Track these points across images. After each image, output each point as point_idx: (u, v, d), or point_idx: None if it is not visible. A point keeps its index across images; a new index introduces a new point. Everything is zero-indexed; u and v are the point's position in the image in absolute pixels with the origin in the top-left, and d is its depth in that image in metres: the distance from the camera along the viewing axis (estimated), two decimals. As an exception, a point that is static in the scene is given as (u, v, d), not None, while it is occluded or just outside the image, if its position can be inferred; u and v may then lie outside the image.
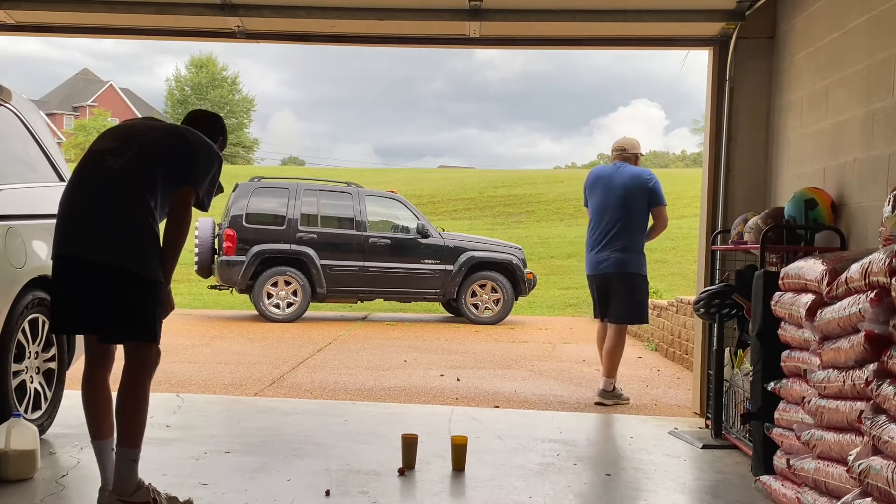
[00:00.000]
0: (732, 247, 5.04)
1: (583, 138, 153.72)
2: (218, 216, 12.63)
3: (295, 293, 11.82)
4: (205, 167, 3.43)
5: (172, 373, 7.08)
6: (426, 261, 12.28)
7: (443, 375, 7.60)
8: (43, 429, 4.50)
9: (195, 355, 8.38)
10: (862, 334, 2.83)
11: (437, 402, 6.36)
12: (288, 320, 11.68)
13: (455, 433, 4.80)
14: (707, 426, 5.34)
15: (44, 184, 4.92)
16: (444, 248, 12.35)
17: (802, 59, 5.10)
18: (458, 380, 7.37)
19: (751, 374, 4.28)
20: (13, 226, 4.34)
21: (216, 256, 11.95)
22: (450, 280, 12.22)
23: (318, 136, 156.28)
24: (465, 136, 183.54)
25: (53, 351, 4.67)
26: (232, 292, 12.48)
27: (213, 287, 12.65)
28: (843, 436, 3.05)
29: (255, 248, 11.74)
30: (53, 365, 4.68)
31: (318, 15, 5.59)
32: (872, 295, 2.77)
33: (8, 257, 4.23)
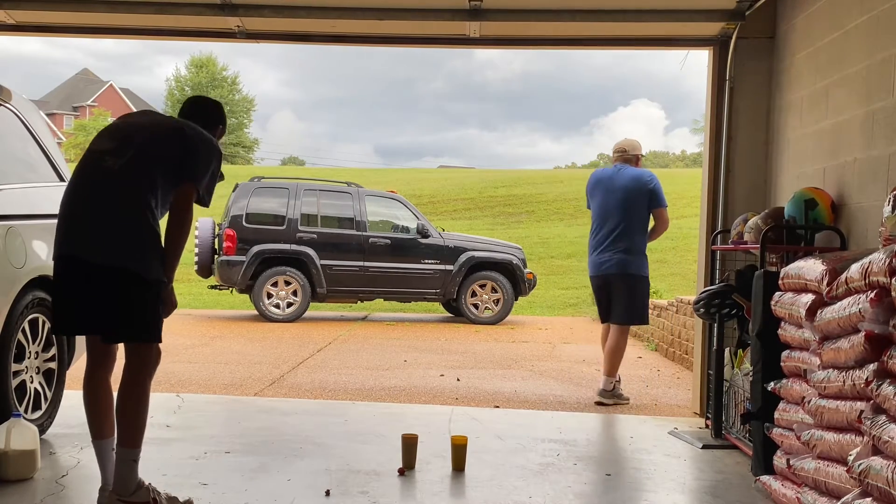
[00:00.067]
0: (732, 247, 5.04)
1: (583, 138, 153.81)
2: (218, 216, 12.63)
3: (295, 293, 11.82)
4: (204, 164, 3.43)
5: (172, 373, 7.08)
6: (426, 261, 12.28)
7: (443, 375, 7.60)
8: (43, 429, 4.50)
9: (195, 355, 8.38)
10: (862, 334, 2.83)
11: (437, 402, 6.36)
12: (288, 320, 11.68)
13: (455, 433, 4.80)
14: (707, 426, 5.34)
15: (44, 184, 4.92)
16: (444, 248, 12.35)
17: (802, 59, 5.10)
18: (458, 380, 7.37)
19: (751, 374, 4.28)
20: (13, 226, 4.35)
21: (216, 256, 11.95)
22: (450, 280, 12.22)
23: (318, 136, 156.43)
24: (465, 136, 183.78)
25: (53, 351, 4.67)
26: (232, 292, 12.48)
27: (213, 287, 12.65)
28: (843, 436, 3.05)
29: (255, 248, 11.74)
30: (53, 365, 4.68)
31: (319, 15, 5.59)
32: (872, 295, 2.77)
33: (8, 257, 4.23)
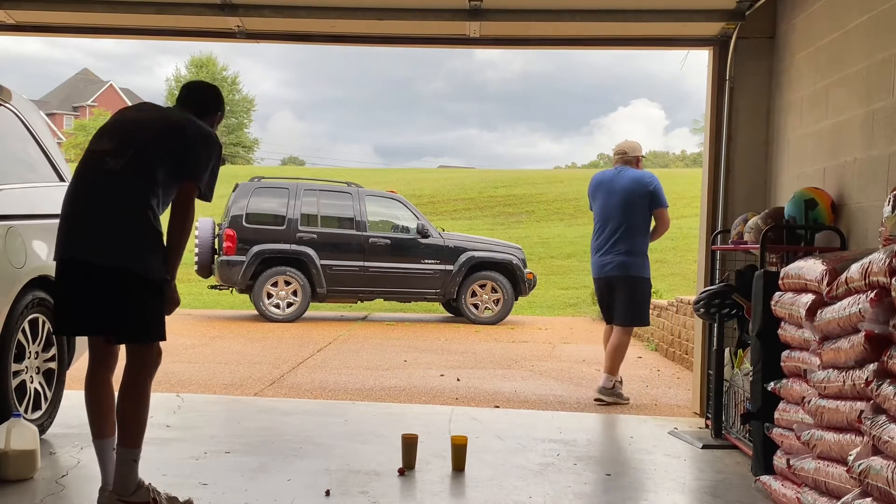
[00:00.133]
0: (732, 247, 5.04)
1: (583, 138, 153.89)
2: (218, 216, 12.64)
3: (295, 293, 11.82)
4: (204, 161, 3.43)
5: (172, 373, 7.08)
6: (426, 261, 12.28)
7: (443, 375, 7.60)
8: (43, 429, 4.50)
9: (195, 355, 8.38)
10: (862, 334, 2.83)
11: (437, 402, 6.36)
12: (288, 320, 11.67)
13: (455, 433, 4.80)
14: (707, 426, 5.34)
15: (44, 184, 4.92)
16: (444, 248, 12.35)
17: (802, 59, 5.10)
18: (458, 380, 7.37)
19: (751, 374, 4.28)
20: (13, 226, 4.35)
21: (216, 256, 11.95)
22: (450, 280, 12.22)
23: (317, 136, 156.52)
24: (465, 136, 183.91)
25: (53, 351, 4.67)
26: (232, 292, 12.48)
27: (213, 287, 12.65)
28: (843, 436, 3.04)
29: (255, 248, 11.74)
30: (53, 365, 4.68)
31: (319, 15, 5.59)
32: (872, 295, 2.77)
33: (8, 257, 4.23)
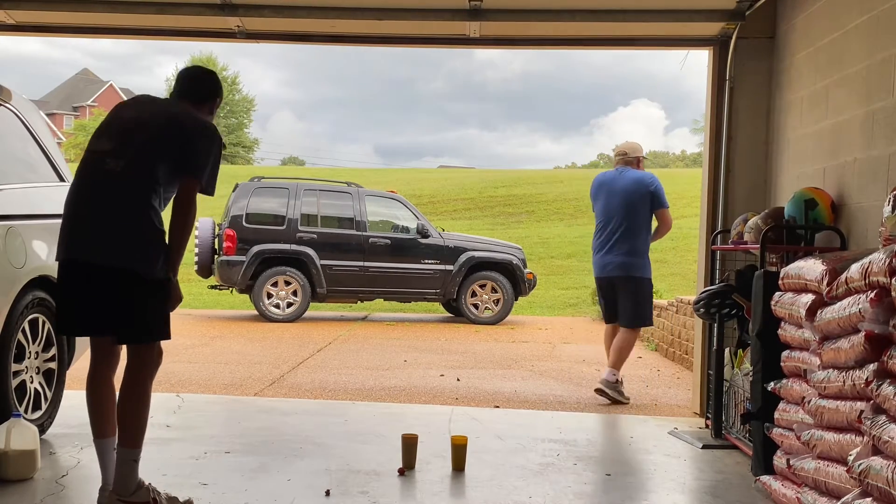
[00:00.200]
0: (732, 247, 5.04)
1: (583, 138, 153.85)
2: (218, 216, 12.64)
3: (295, 293, 11.81)
4: (204, 156, 3.42)
5: (172, 373, 7.08)
6: (426, 261, 12.28)
7: (443, 375, 7.60)
8: (43, 429, 4.50)
9: (195, 355, 8.38)
10: (862, 334, 2.83)
11: (437, 402, 6.36)
12: (288, 320, 11.67)
13: (455, 433, 4.80)
14: (707, 426, 5.34)
15: (44, 184, 4.92)
16: (444, 248, 12.35)
17: (802, 59, 5.10)
18: (458, 380, 7.37)
19: (751, 374, 4.28)
20: (13, 226, 4.35)
21: (216, 256, 11.95)
22: (450, 280, 12.21)
23: (317, 136, 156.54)
24: (465, 136, 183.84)
25: (53, 351, 4.67)
26: (232, 292, 12.48)
27: (213, 287, 12.64)
28: (843, 436, 3.04)
29: (255, 248, 11.74)
30: (53, 365, 4.68)
31: (318, 15, 5.59)
32: (872, 295, 2.76)
33: (8, 257, 4.23)
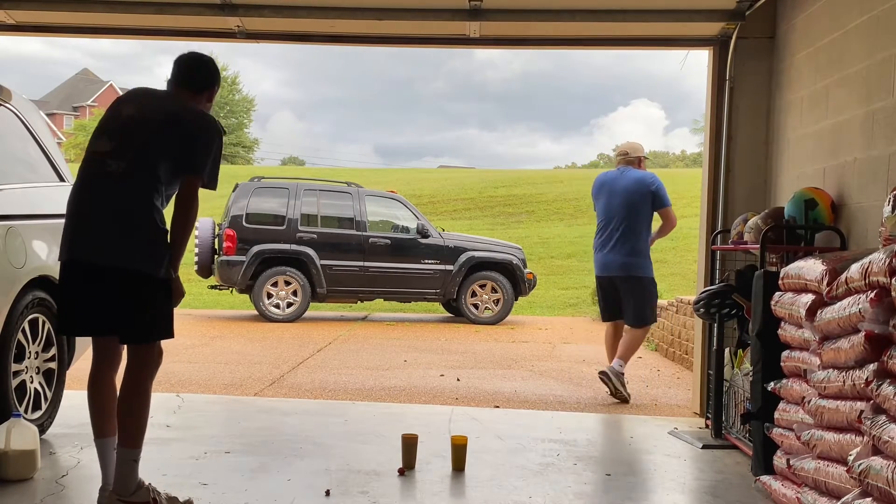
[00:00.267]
0: (732, 247, 5.04)
1: (583, 138, 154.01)
2: (218, 216, 12.63)
3: (295, 293, 11.81)
4: (205, 153, 3.41)
5: (172, 373, 7.08)
6: (426, 261, 12.28)
7: (443, 375, 7.60)
8: (43, 429, 4.50)
9: (195, 355, 8.38)
10: (862, 334, 2.83)
11: (437, 402, 6.36)
12: (288, 320, 11.67)
13: (455, 433, 4.80)
14: (707, 426, 5.33)
15: (44, 184, 4.92)
16: (444, 248, 12.35)
17: (802, 59, 5.10)
18: (458, 380, 7.37)
19: (751, 374, 4.28)
20: (13, 226, 4.35)
21: (216, 256, 11.94)
22: (450, 280, 12.21)
23: (317, 136, 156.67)
24: (465, 136, 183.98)
25: (53, 351, 4.67)
26: (232, 292, 12.47)
27: (213, 287, 12.64)
28: (843, 436, 3.04)
29: (255, 248, 11.74)
30: (53, 365, 4.68)
31: (318, 15, 5.59)
32: (872, 295, 2.76)
33: (8, 257, 4.23)
